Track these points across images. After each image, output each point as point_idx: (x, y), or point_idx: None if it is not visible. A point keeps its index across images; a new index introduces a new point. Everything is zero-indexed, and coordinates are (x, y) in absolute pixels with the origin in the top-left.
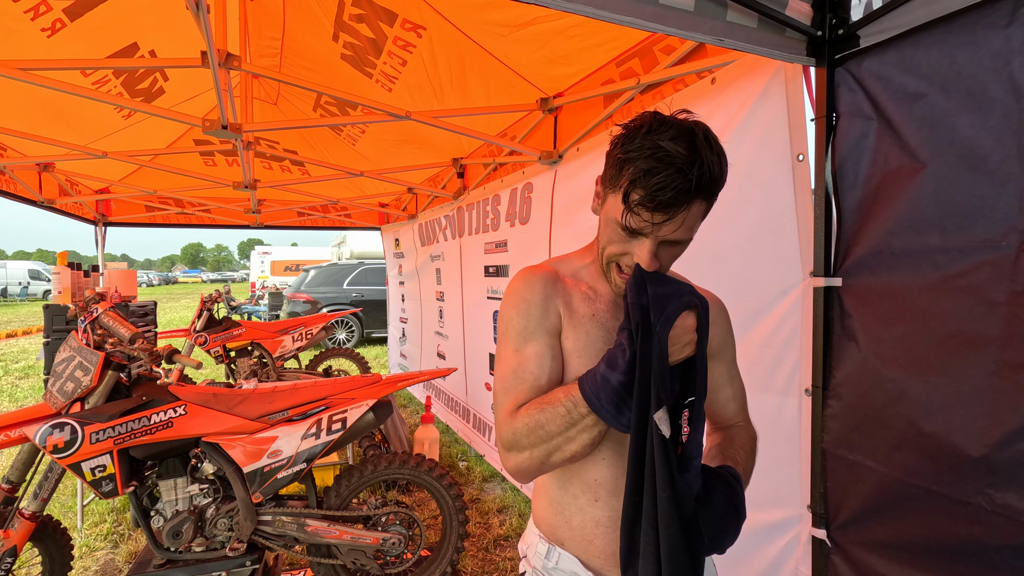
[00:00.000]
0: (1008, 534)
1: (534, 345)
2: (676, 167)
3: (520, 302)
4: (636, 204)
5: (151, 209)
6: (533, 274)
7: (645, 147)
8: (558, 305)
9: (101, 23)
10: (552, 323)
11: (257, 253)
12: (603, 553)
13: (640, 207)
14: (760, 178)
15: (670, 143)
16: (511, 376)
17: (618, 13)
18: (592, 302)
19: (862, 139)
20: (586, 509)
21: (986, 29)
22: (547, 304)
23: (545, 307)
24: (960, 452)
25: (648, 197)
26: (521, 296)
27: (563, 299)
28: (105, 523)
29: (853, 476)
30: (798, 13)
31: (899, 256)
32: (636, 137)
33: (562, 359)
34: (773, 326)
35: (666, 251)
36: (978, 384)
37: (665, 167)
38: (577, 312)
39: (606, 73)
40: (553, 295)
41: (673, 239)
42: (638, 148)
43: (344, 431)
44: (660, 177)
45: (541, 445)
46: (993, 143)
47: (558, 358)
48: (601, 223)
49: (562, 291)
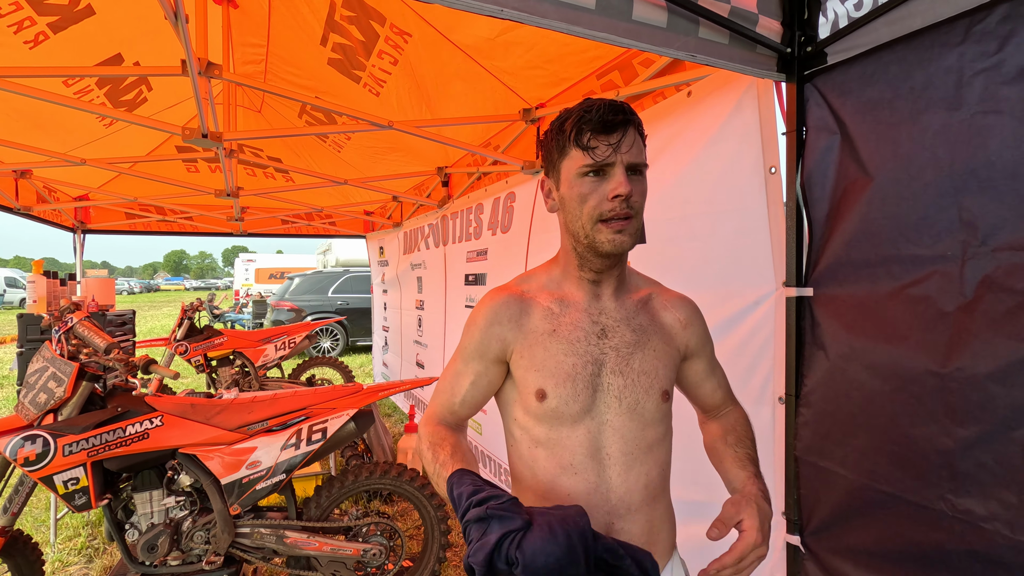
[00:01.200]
0: (968, 539)
1: (466, 367)
2: (604, 101)
3: (472, 325)
4: (589, 137)
5: (131, 216)
6: (493, 299)
7: (573, 110)
8: (505, 331)
9: (84, 34)
10: (490, 349)
11: (241, 260)
12: None
13: (594, 136)
14: (734, 189)
15: (592, 100)
16: (444, 382)
17: (592, 29)
18: (555, 317)
19: (828, 152)
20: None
21: (941, 47)
22: (489, 331)
23: (486, 334)
24: (923, 458)
25: (596, 123)
26: (474, 320)
27: (517, 322)
28: (79, 537)
29: (824, 483)
30: (768, 30)
31: (859, 266)
32: (562, 118)
33: (494, 381)
34: (747, 335)
35: (635, 184)
36: (935, 392)
37: (596, 103)
38: (534, 331)
39: (587, 85)
40: (502, 321)
41: (633, 162)
42: (567, 114)
43: (324, 441)
44: (595, 109)
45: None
46: (930, 157)
47: (480, 385)
48: (567, 207)
49: (519, 313)
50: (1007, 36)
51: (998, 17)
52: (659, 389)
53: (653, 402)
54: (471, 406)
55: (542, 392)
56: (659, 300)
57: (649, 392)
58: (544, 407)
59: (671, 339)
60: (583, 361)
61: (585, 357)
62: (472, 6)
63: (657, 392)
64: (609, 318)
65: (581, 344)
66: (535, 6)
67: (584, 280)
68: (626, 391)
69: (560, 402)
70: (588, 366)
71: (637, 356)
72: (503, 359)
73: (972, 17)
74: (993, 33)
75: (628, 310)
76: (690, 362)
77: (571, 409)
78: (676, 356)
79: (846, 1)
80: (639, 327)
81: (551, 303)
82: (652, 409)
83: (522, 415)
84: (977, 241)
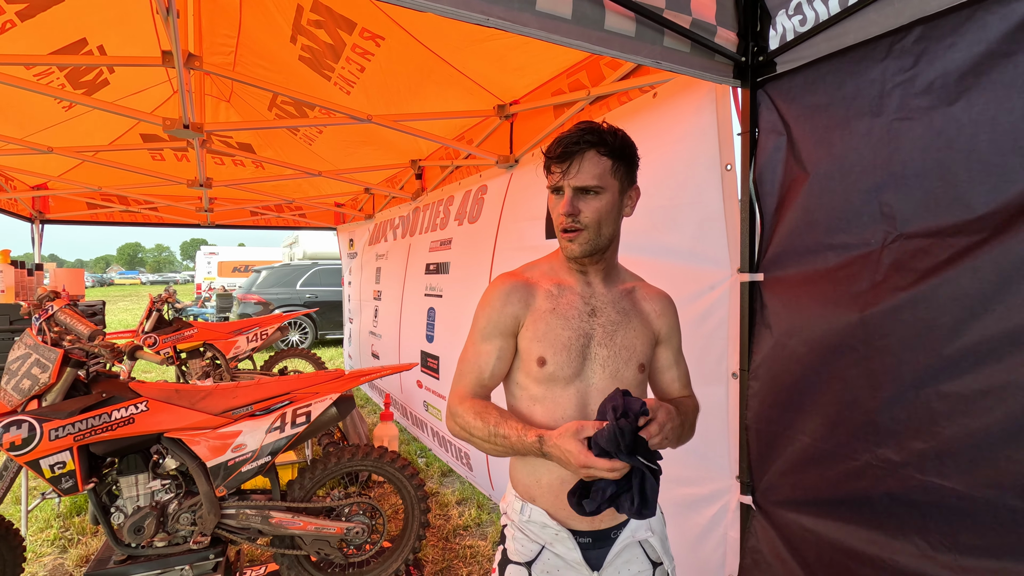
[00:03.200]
0: (887, 484)
1: (489, 344)
2: (568, 133)
3: (486, 306)
4: (548, 166)
5: (93, 206)
6: (503, 283)
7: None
8: (517, 309)
9: (50, 19)
10: (507, 326)
11: (203, 254)
12: (567, 505)
13: (554, 164)
14: (694, 184)
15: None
16: (468, 363)
17: (568, 37)
18: (554, 298)
19: (776, 152)
20: (554, 470)
21: (868, 61)
22: (504, 310)
23: (502, 313)
24: (851, 418)
25: (556, 153)
26: (488, 301)
27: (525, 302)
28: (51, 528)
29: (771, 446)
30: (726, 41)
31: (801, 253)
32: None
33: (512, 354)
34: (705, 317)
35: (583, 201)
36: (864, 361)
37: (568, 136)
38: (539, 309)
39: (557, 84)
40: (514, 301)
41: (579, 185)
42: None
43: (308, 424)
44: (561, 141)
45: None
46: (857, 157)
47: (503, 358)
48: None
49: (526, 295)
50: (920, 54)
51: (914, 37)
52: (636, 361)
53: (631, 371)
54: (498, 377)
55: (542, 359)
56: (641, 292)
57: (628, 363)
58: (543, 371)
59: (649, 324)
60: (576, 334)
61: (578, 331)
62: (460, 15)
63: (635, 363)
64: (599, 301)
65: (575, 320)
66: (518, 16)
67: (575, 271)
68: (609, 360)
69: (556, 367)
70: (580, 338)
71: (620, 333)
72: (515, 333)
73: (894, 36)
74: (909, 51)
75: (615, 296)
76: (659, 348)
77: (565, 373)
78: (652, 338)
79: (793, 17)
80: (623, 310)
81: (551, 287)
82: (630, 377)
83: (523, 378)
84: (895, 230)
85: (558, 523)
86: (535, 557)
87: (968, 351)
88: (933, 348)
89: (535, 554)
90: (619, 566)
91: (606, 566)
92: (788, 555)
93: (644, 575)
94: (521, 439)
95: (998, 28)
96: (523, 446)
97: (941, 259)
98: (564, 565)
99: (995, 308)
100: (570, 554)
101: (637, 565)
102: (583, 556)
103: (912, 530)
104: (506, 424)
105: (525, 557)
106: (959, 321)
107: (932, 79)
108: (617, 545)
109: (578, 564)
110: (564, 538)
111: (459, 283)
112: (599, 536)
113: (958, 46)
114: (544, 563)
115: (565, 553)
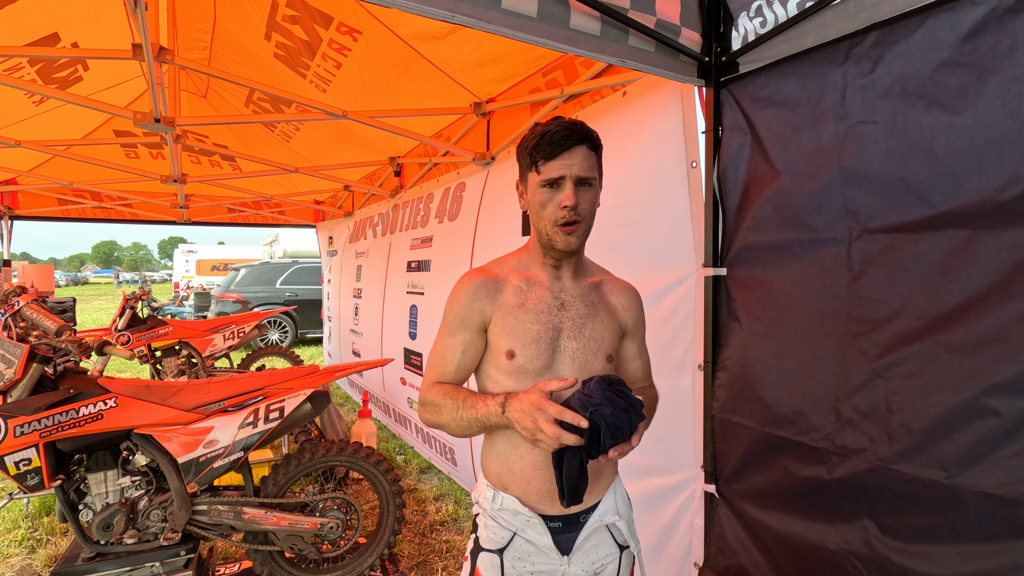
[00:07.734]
0: (841, 469)
1: (454, 339)
2: (558, 124)
3: (454, 302)
4: (545, 157)
5: (64, 202)
6: (471, 279)
7: (536, 130)
8: (483, 305)
9: (20, 12)
10: (473, 320)
11: (181, 252)
12: (538, 491)
13: (548, 157)
14: (661, 181)
15: (553, 122)
16: (436, 355)
17: (534, 35)
18: (523, 293)
19: (739, 150)
20: (526, 456)
21: (828, 64)
22: (471, 306)
23: (468, 308)
24: (814, 408)
25: (549, 145)
26: (455, 297)
27: (492, 297)
28: (19, 529)
29: (736, 436)
30: (689, 41)
31: (767, 248)
32: (527, 137)
33: (480, 348)
34: (671, 311)
35: (583, 194)
36: (829, 352)
37: (552, 126)
38: (507, 304)
39: (533, 82)
40: (481, 297)
41: (582, 176)
42: (532, 134)
43: (282, 420)
44: (551, 132)
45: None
46: (823, 156)
47: (468, 352)
48: (532, 210)
49: (494, 290)
50: (878, 59)
51: (871, 41)
52: (604, 352)
53: (600, 362)
54: (465, 371)
55: (511, 352)
56: (608, 285)
57: (596, 354)
58: (513, 364)
59: (616, 316)
60: (545, 328)
61: (547, 324)
62: (426, 11)
63: (603, 355)
64: (568, 295)
65: (544, 315)
66: (483, 13)
67: (547, 265)
68: (578, 352)
69: (526, 360)
70: (549, 332)
71: (588, 325)
72: (483, 328)
73: (852, 40)
74: (867, 56)
75: (583, 289)
76: (625, 340)
77: (535, 365)
78: (619, 330)
79: (754, 19)
80: (591, 303)
81: (520, 282)
82: (599, 368)
83: (494, 371)
84: (860, 226)
85: (529, 509)
86: (507, 544)
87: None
88: (895, 339)
89: (507, 541)
90: (588, 550)
91: (575, 550)
92: (750, 542)
93: (611, 558)
94: (487, 407)
95: (948, 37)
96: (487, 415)
97: (904, 254)
98: (535, 551)
99: (953, 301)
100: (541, 539)
101: (605, 549)
102: (553, 541)
103: (864, 514)
104: (473, 397)
105: (497, 544)
106: (919, 313)
107: (890, 84)
108: (586, 529)
109: (548, 549)
110: (535, 523)
111: (441, 281)
112: (568, 520)
113: (912, 52)
114: (516, 549)
115: (536, 539)
